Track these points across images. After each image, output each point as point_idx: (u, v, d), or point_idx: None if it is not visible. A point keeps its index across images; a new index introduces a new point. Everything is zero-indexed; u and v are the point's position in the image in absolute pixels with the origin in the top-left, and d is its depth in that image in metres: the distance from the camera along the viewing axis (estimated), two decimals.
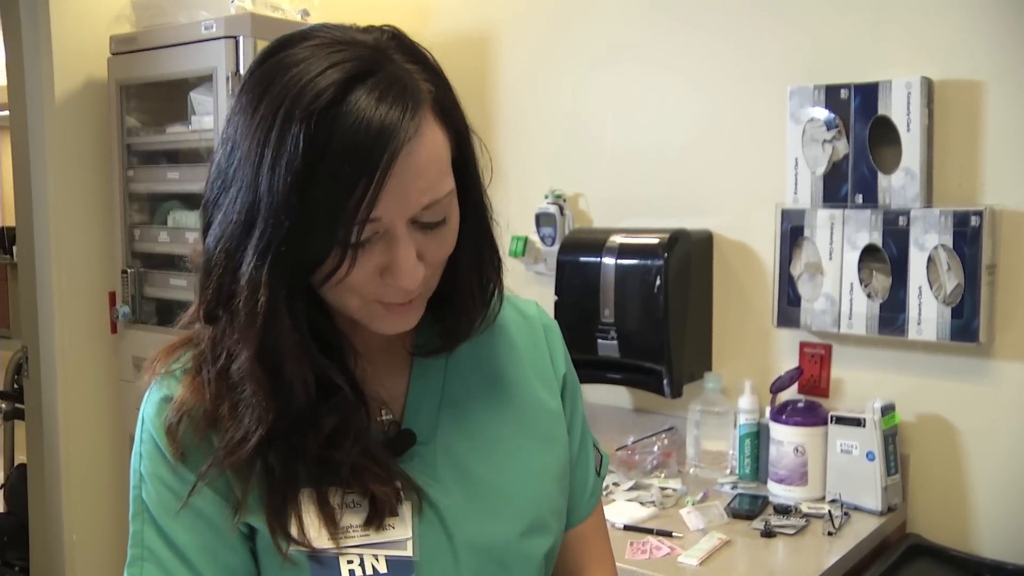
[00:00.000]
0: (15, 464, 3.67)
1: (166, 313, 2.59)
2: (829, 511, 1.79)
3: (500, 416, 0.91)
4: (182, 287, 2.48)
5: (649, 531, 1.74)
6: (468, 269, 0.84)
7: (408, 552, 0.79)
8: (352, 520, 0.78)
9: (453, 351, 0.89)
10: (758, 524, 1.77)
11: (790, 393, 2.04)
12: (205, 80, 2.36)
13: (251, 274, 0.71)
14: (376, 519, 0.78)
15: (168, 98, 2.56)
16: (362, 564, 0.78)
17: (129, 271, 2.55)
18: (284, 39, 0.76)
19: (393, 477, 0.80)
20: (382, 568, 0.78)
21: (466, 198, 0.80)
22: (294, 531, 0.76)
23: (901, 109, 1.85)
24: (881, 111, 1.88)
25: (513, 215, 2.43)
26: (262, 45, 2.21)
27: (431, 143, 0.73)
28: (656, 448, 2.11)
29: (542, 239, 2.40)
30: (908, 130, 1.85)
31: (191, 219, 2.49)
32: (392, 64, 0.73)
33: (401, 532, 0.79)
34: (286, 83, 0.70)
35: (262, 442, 0.75)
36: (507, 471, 0.89)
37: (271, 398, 0.75)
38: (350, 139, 0.69)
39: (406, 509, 0.81)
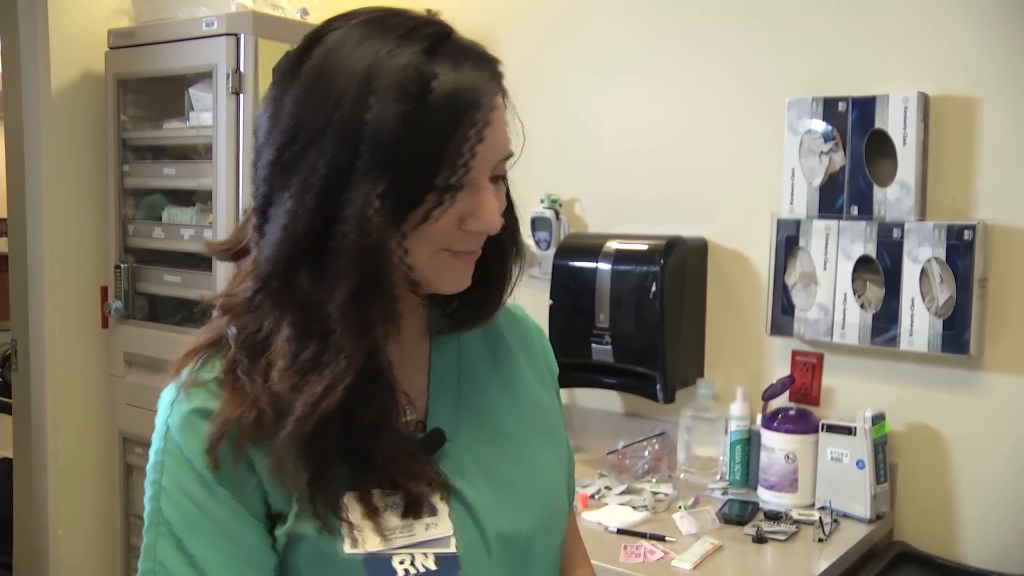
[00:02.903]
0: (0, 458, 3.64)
1: (158, 309, 2.59)
2: (819, 518, 1.81)
3: (509, 413, 0.94)
4: (176, 283, 2.47)
5: (642, 535, 1.76)
6: (506, 243, 0.89)
7: (452, 548, 0.81)
8: (394, 520, 0.80)
9: (488, 321, 0.92)
10: (749, 530, 1.79)
11: (781, 401, 2.06)
12: (204, 76, 2.36)
13: (360, 213, 0.74)
14: (414, 517, 0.80)
15: (165, 93, 2.56)
16: (413, 563, 0.79)
17: (122, 266, 2.55)
18: (324, 28, 0.80)
19: (429, 475, 0.82)
20: (432, 566, 0.79)
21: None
22: (347, 535, 0.77)
23: (898, 123, 1.88)
24: (878, 124, 1.91)
25: None
26: (263, 43, 2.25)
27: (502, 103, 0.82)
28: (647, 453, 2.13)
29: (537, 243, 2.41)
30: (904, 144, 1.88)
31: (185, 215, 2.49)
32: (455, 31, 0.80)
33: (443, 530, 0.81)
34: (369, 56, 0.75)
35: (349, 389, 0.76)
36: (523, 466, 0.92)
37: (362, 338, 0.76)
38: (449, 96, 0.75)
39: (443, 507, 0.82)
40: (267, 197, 0.78)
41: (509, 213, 0.89)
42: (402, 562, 0.79)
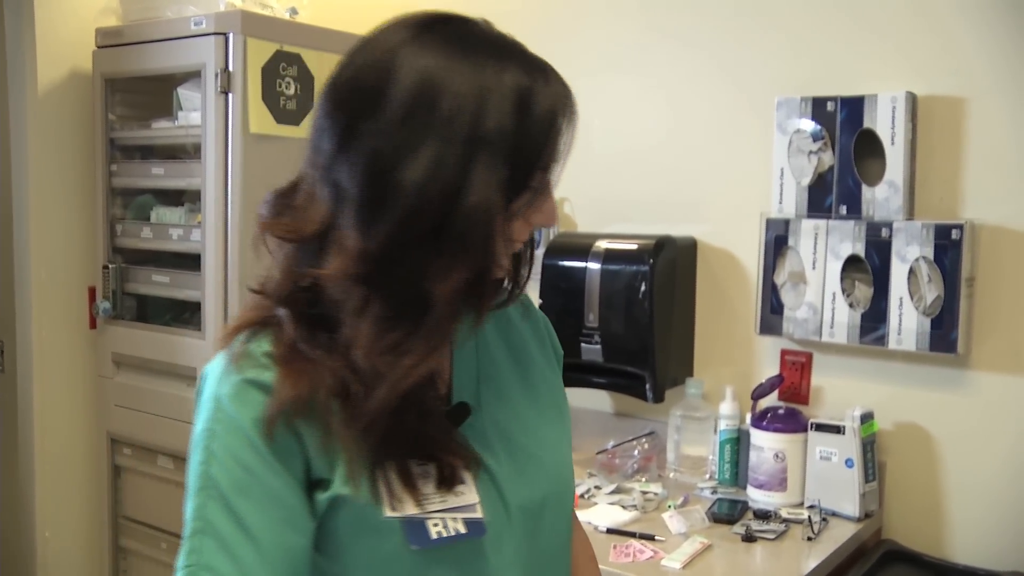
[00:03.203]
0: None
1: (147, 309, 2.58)
2: (808, 516, 1.81)
3: (523, 390, 1.03)
4: (164, 283, 2.46)
5: (632, 534, 1.76)
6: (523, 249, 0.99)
7: (479, 514, 0.88)
8: (428, 488, 0.87)
9: (514, 302, 1.02)
10: (739, 528, 1.79)
11: (770, 400, 2.06)
12: (192, 76, 2.35)
13: (479, 209, 0.83)
14: (445, 485, 0.87)
15: (153, 93, 2.55)
16: (445, 526, 0.86)
17: (110, 266, 2.53)
18: (392, 41, 0.87)
19: (460, 449, 0.90)
20: (462, 529, 0.87)
21: None
22: (387, 500, 0.85)
23: (886, 123, 1.89)
24: (867, 124, 1.91)
25: None
26: (252, 42, 2.24)
27: None
28: (636, 452, 2.13)
29: None
30: (892, 143, 1.88)
31: (174, 215, 2.48)
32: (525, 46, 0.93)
33: (470, 497, 0.88)
34: (476, 75, 0.85)
35: (428, 368, 0.85)
36: (536, 438, 1.00)
37: (454, 321, 0.86)
38: (547, 109, 0.87)
39: (469, 477, 0.89)
40: (369, 195, 0.84)
41: None
42: (435, 525, 0.86)
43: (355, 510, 0.85)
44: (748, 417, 2.03)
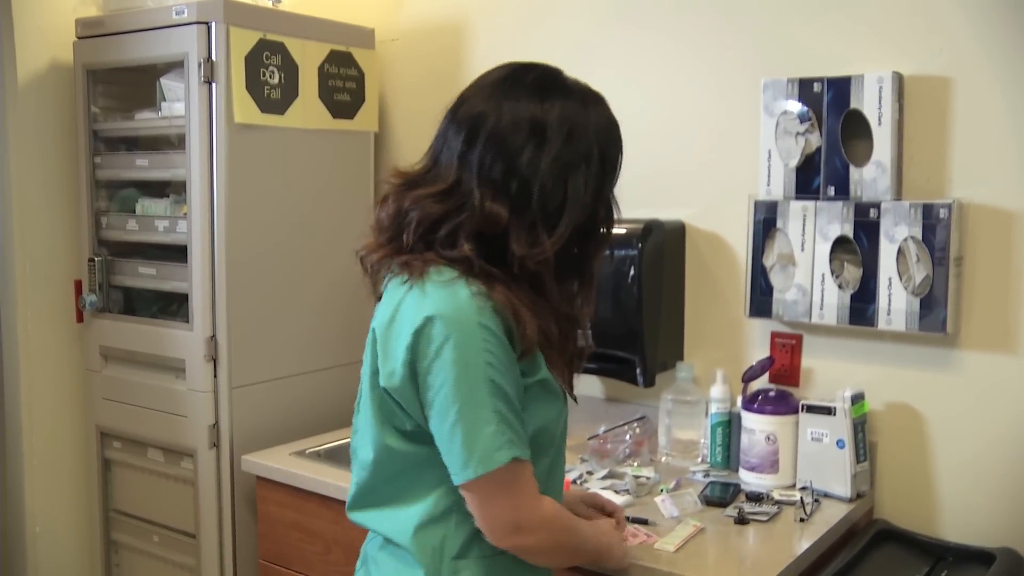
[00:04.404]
0: None
1: (134, 302, 2.56)
2: (800, 498, 1.82)
3: None
4: (151, 275, 2.45)
5: (625, 519, 1.76)
6: None
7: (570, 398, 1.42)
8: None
9: None
10: (731, 511, 1.80)
11: (761, 382, 2.07)
12: (175, 66, 2.33)
13: (609, 210, 1.37)
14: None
15: (136, 84, 2.53)
16: (566, 397, 1.39)
17: (96, 259, 2.51)
18: (551, 87, 1.36)
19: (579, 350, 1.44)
20: (573, 397, 1.42)
21: None
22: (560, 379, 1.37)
23: (873, 103, 1.89)
24: (853, 105, 1.91)
25: None
26: (235, 31, 2.22)
27: None
28: (628, 437, 2.13)
29: None
30: (879, 124, 1.88)
31: (159, 207, 2.46)
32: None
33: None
34: (595, 126, 1.34)
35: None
36: None
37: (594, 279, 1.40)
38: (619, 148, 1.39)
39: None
40: (540, 193, 1.27)
41: None
42: (565, 393, 1.39)
43: (547, 385, 1.32)
44: (739, 400, 2.03)
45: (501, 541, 1.28)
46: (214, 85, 2.23)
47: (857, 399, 1.90)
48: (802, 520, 1.77)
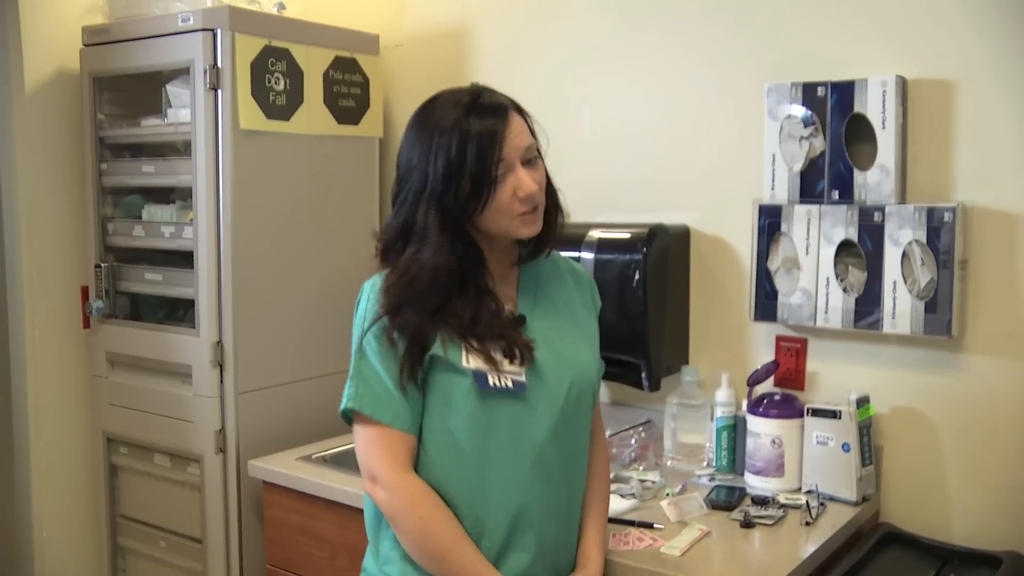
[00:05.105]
0: None
1: (140, 308, 2.57)
2: (806, 501, 1.82)
3: (564, 317, 1.56)
4: (157, 281, 2.46)
5: (631, 523, 1.76)
6: (550, 205, 1.49)
7: (523, 379, 1.41)
8: (497, 356, 1.40)
9: (546, 255, 1.55)
10: (737, 515, 1.80)
11: (766, 386, 2.07)
12: (181, 73, 2.34)
13: (436, 216, 1.39)
14: (508, 359, 1.40)
15: (142, 90, 2.54)
16: (498, 379, 1.39)
17: (103, 265, 2.52)
18: (432, 100, 1.45)
19: (517, 335, 1.43)
20: (510, 384, 1.40)
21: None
22: (465, 357, 1.39)
23: (876, 107, 1.89)
24: (857, 109, 1.91)
25: None
26: (240, 38, 2.23)
27: (518, 121, 1.43)
28: (633, 441, 2.13)
29: None
30: (883, 127, 1.89)
31: (165, 213, 2.47)
32: (487, 92, 1.44)
33: (518, 370, 1.41)
34: (438, 115, 1.40)
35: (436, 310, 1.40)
36: (570, 345, 1.52)
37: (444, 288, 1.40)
38: (486, 127, 1.38)
39: (518, 359, 1.42)
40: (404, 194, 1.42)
41: (550, 187, 1.49)
42: (493, 377, 1.39)
43: (447, 365, 1.39)
44: (744, 403, 2.03)
45: (365, 485, 1.43)
46: (220, 91, 2.24)
47: (862, 402, 1.90)
48: (808, 524, 1.77)
